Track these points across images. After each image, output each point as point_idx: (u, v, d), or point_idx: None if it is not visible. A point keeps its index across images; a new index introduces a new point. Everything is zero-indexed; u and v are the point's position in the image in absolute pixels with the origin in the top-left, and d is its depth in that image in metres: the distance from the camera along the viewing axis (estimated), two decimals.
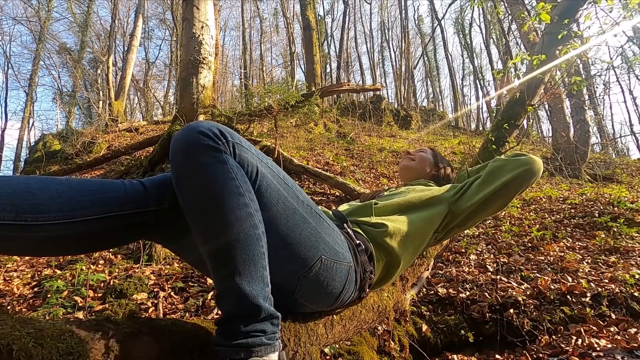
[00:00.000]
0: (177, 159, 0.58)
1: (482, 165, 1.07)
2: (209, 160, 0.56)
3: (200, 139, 0.56)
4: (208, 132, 0.56)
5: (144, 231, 0.67)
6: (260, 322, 0.56)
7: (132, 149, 5.09)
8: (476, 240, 2.51)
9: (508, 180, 0.92)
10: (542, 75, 3.48)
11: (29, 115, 13.61)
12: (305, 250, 0.67)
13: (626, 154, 14.96)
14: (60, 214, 0.54)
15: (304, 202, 0.70)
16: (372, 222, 0.88)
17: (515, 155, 0.97)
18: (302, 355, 0.71)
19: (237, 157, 0.59)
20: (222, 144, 0.57)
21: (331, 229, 0.74)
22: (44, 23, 13.20)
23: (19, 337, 0.41)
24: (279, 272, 0.68)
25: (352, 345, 1.13)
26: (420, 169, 1.24)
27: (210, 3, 4.60)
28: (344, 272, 0.73)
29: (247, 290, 0.55)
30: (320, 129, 7.96)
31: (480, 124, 16.59)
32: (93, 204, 0.58)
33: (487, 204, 0.95)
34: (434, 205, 0.96)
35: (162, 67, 18.12)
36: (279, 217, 0.64)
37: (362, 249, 0.80)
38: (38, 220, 0.52)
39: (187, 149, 0.57)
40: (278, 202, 0.64)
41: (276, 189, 0.64)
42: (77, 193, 0.57)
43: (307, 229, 0.67)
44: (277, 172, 0.67)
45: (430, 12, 19.86)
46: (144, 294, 1.52)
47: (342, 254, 0.73)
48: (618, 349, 1.17)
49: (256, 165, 0.62)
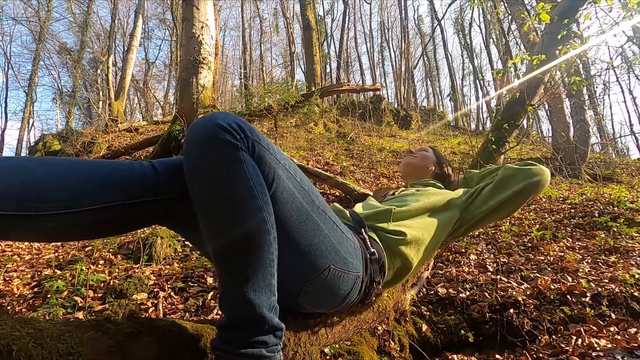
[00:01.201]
0: (191, 150, 0.54)
1: (492, 170, 1.08)
2: (225, 156, 0.52)
3: (218, 132, 0.52)
4: (227, 126, 0.53)
5: (153, 219, 0.65)
6: (263, 334, 0.54)
7: (132, 149, 5.09)
8: (476, 240, 2.51)
9: (518, 190, 0.94)
10: (542, 75, 3.48)
11: (28, 115, 13.61)
12: (315, 258, 0.64)
13: (626, 153, 14.95)
14: (63, 202, 0.51)
15: (319, 208, 0.67)
16: (390, 229, 0.86)
17: (525, 164, 0.98)
18: (302, 355, 0.71)
19: (256, 156, 0.56)
20: (241, 139, 0.53)
21: (344, 237, 0.71)
22: (44, 23, 13.20)
23: (19, 338, 0.42)
24: (285, 277, 0.67)
25: (352, 345, 1.13)
26: (422, 166, 1.24)
27: (210, 3, 4.60)
28: (350, 281, 0.71)
29: (252, 298, 0.52)
30: (320, 129, 7.96)
31: (480, 124, 16.61)
32: (97, 192, 0.54)
33: (496, 211, 0.97)
34: (448, 210, 0.96)
35: (162, 67, 18.14)
36: (291, 223, 0.62)
37: (375, 258, 0.78)
38: (40, 210, 0.50)
39: (203, 141, 0.53)
40: (292, 207, 0.61)
41: (292, 193, 0.61)
42: (82, 179, 0.54)
43: (319, 237, 0.65)
44: (295, 175, 0.64)
45: (430, 12, 19.89)
46: (144, 294, 1.52)
47: (352, 263, 0.70)
48: (618, 348, 1.17)
49: (274, 167, 0.58)
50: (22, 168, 0.52)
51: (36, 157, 0.59)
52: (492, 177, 1.04)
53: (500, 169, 1.02)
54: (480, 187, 1.00)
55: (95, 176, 0.56)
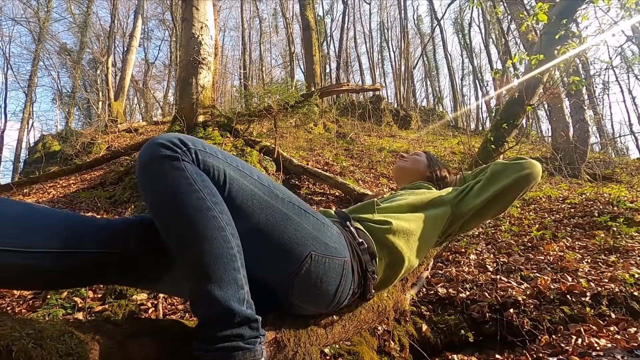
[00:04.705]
0: (139, 173, 0.59)
1: (483, 168, 1.09)
2: (165, 169, 0.56)
3: (159, 150, 0.56)
4: (167, 143, 0.57)
5: (107, 276, 0.66)
6: (236, 327, 0.54)
7: (132, 150, 5.08)
8: (476, 240, 2.51)
9: (508, 184, 0.93)
10: (541, 75, 3.48)
11: (28, 116, 13.58)
12: (291, 248, 0.65)
13: (625, 153, 14.97)
14: (17, 241, 0.53)
15: (285, 199, 0.68)
16: (375, 219, 0.86)
17: (516, 159, 0.99)
18: (302, 355, 0.70)
19: (201, 163, 0.59)
20: (182, 152, 0.57)
21: (320, 223, 0.72)
22: (44, 24, 13.19)
23: (18, 338, 0.41)
24: (269, 274, 0.67)
25: (352, 345, 1.13)
26: (413, 170, 1.24)
27: (210, 3, 4.60)
28: (337, 267, 0.70)
29: (217, 294, 0.54)
30: (320, 129, 7.97)
31: (480, 123, 16.62)
32: (50, 235, 0.56)
33: (488, 207, 0.97)
34: (437, 207, 0.96)
35: (161, 68, 18.15)
36: (257, 218, 0.63)
37: (364, 247, 0.78)
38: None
39: (146, 162, 0.57)
40: (253, 202, 0.63)
41: (249, 190, 0.64)
42: (37, 220, 0.56)
43: (290, 226, 0.66)
44: (250, 173, 0.66)
45: (430, 12, 19.90)
46: (144, 294, 1.52)
47: (335, 248, 0.71)
48: (618, 348, 1.17)
49: (223, 169, 0.61)
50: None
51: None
52: (483, 173, 1.04)
53: (490, 165, 1.02)
54: (471, 184, 1.01)
55: (44, 215, 0.58)
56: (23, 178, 5.58)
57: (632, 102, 16.70)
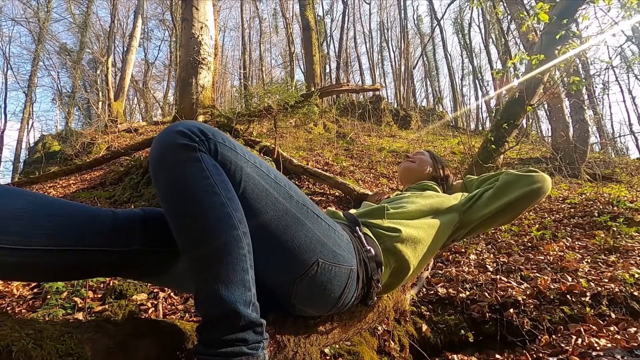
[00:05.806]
0: (152, 160, 0.56)
1: (492, 175, 1.08)
2: (181, 158, 0.53)
3: (177, 138, 0.54)
4: (186, 131, 0.54)
5: (110, 270, 0.65)
6: (241, 331, 0.52)
7: (132, 150, 5.08)
8: (476, 240, 2.51)
9: (519, 197, 0.94)
10: (541, 75, 3.48)
11: (28, 116, 13.59)
12: (300, 253, 0.63)
13: (625, 153, 14.97)
14: (16, 238, 0.51)
15: (299, 203, 0.66)
16: (384, 226, 0.85)
17: (528, 171, 0.99)
18: (302, 355, 0.70)
19: (219, 156, 0.57)
20: (200, 142, 0.55)
21: (331, 229, 0.70)
22: (43, 24, 13.20)
23: (18, 338, 0.41)
24: (273, 277, 0.66)
25: (352, 345, 1.12)
26: (420, 170, 1.24)
27: (210, 3, 4.60)
28: (343, 275, 0.69)
29: (224, 294, 0.51)
30: (320, 129, 7.97)
31: (480, 123, 16.61)
32: (50, 232, 0.54)
33: (497, 216, 0.97)
34: (446, 214, 0.95)
35: (161, 68, 18.14)
36: (268, 219, 0.61)
37: (371, 255, 0.76)
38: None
39: (162, 149, 0.55)
40: (267, 203, 0.61)
41: (264, 190, 0.61)
42: (37, 216, 0.54)
43: (301, 231, 0.64)
44: (267, 172, 0.64)
45: (430, 12, 19.90)
46: (144, 294, 1.52)
47: (343, 256, 0.69)
48: (618, 348, 1.17)
49: (240, 166, 0.59)
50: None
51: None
52: (492, 182, 1.03)
53: (501, 174, 1.02)
54: (481, 192, 1.00)
55: (56, 213, 0.56)
56: (23, 178, 5.58)
57: (632, 102, 16.78)
